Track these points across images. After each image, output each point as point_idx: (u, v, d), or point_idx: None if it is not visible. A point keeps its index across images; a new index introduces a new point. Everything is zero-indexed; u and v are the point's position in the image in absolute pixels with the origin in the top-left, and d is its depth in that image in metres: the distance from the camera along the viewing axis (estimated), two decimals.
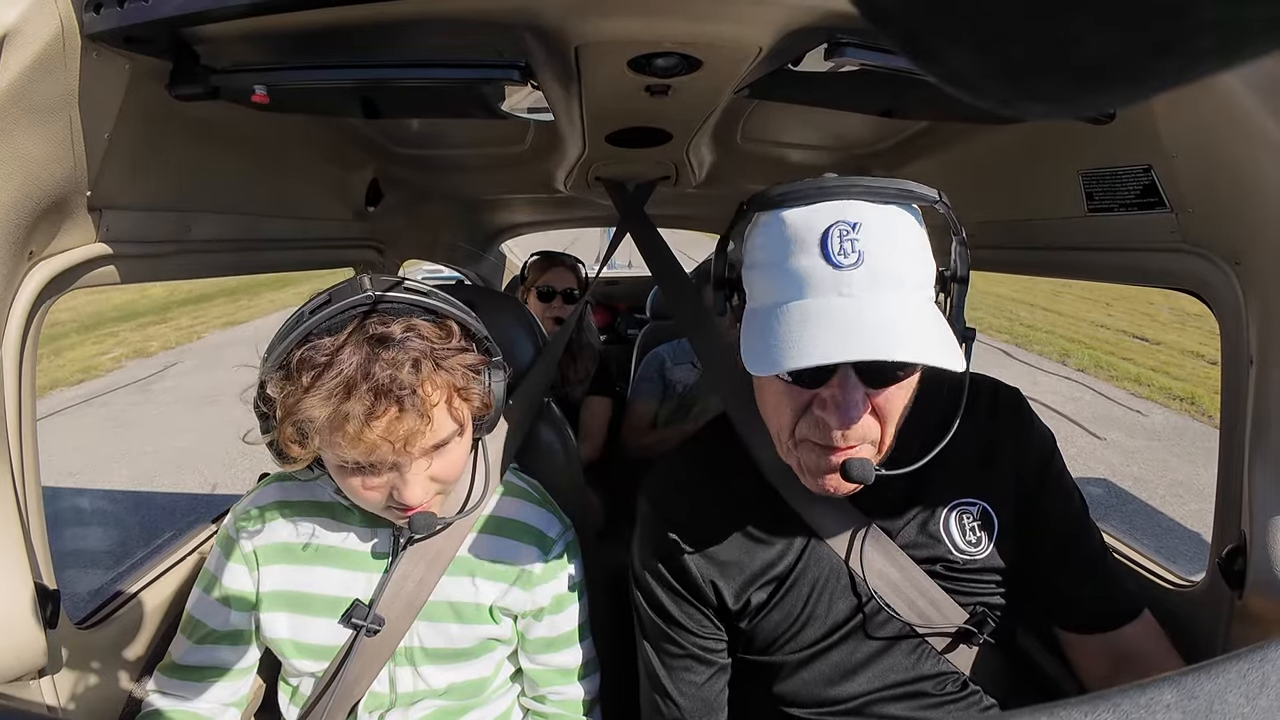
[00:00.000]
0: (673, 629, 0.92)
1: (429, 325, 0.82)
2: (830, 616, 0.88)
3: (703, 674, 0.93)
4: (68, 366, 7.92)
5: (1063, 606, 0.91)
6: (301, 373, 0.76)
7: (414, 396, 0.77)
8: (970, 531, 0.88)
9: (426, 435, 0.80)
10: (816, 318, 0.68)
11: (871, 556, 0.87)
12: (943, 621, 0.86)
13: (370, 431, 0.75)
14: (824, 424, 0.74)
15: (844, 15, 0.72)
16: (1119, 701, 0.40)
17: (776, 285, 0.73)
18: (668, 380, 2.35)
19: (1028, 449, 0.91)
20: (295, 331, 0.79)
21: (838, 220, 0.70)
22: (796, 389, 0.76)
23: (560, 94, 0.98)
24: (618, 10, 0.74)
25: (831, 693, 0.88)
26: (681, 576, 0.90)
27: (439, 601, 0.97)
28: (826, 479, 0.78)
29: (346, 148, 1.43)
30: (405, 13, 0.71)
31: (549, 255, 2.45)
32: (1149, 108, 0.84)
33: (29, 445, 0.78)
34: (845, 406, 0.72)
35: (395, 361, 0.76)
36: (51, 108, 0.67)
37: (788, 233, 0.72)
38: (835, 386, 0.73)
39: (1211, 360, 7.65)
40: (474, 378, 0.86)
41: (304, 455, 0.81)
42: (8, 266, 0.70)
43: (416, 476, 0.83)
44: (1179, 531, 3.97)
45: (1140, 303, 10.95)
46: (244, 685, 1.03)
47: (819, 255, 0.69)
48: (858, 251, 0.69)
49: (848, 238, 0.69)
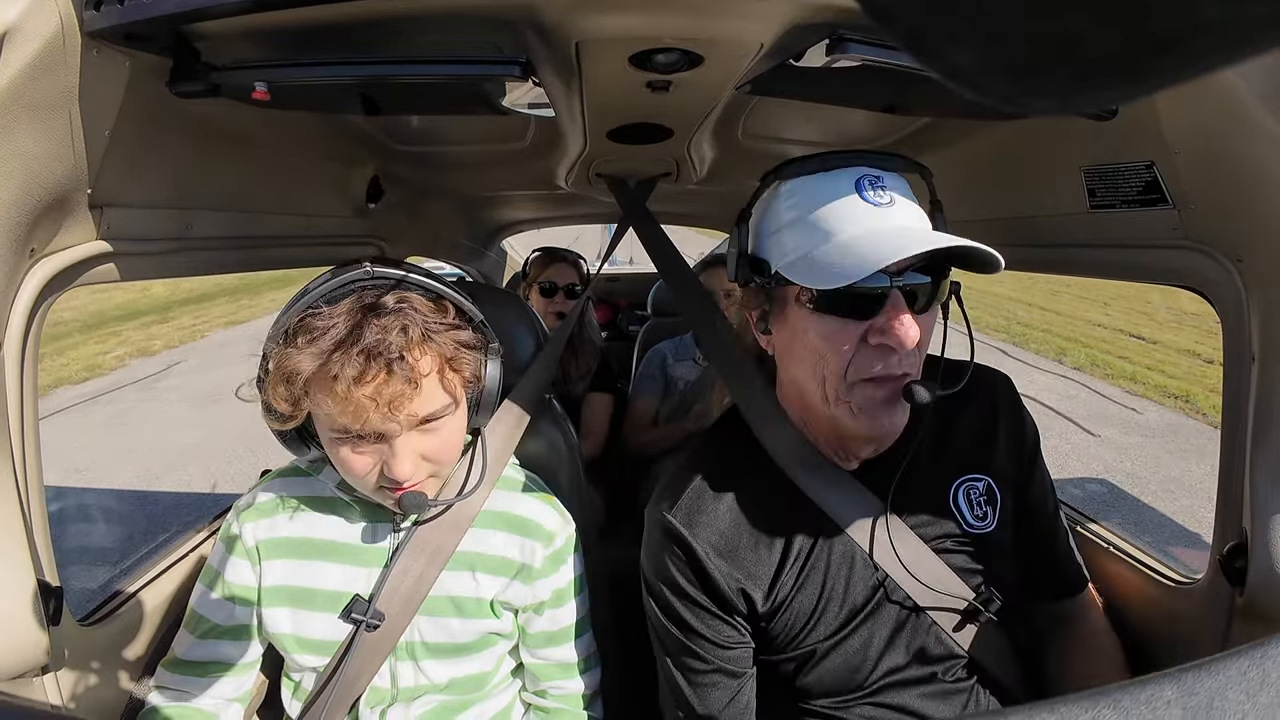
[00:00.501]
0: (696, 643, 0.90)
1: (423, 299, 0.85)
2: (848, 599, 0.88)
3: (731, 687, 0.91)
4: (71, 365, 7.95)
5: (1041, 577, 0.98)
6: (298, 335, 0.79)
7: (402, 361, 0.79)
8: (978, 506, 0.91)
9: (414, 402, 0.81)
10: (875, 236, 0.77)
11: (884, 536, 0.88)
12: (951, 600, 0.88)
13: (357, 390, 0.77)
14: (883, 351, 0.79)
15: (846, 11, 0.72)
16: (1120, 698, 0.40)
17: (816, 231, 0.80)
18: (669, 377, 2.36)
19: (1023, 435, 0.97)
20: (298, 303, 0.82)
21: (865, 173, 0.81)
22: (851, 324, 0.79)
23: (561, 90, 0.97)
24: (618, 6, 0.74)
25: (849, 681, 0.88)
26: (707, 588, 0.88)
27: (440, 596, 0.97)
28: (883, 414, 0.81)
29: (347, 145, 1.43)
30: (406, 9, 0.71)
31: (551, 251, 2.45)
32: (1151, 104, 0.84)
33: (31, 442, 0.78)
34: (906, 325, 0.77)
35: (386, 327, 0.79)
36: (52, 105, 0.67)
37: (818, 190, 0.81)
38: (890, 310, 0.77)
39: (1207, 359, 7.76)
40: (465, 350, 0.87)
41: (292, 414, 0.82)
42: (9, 264, 0.70)
43: (405, 449, 0.84)
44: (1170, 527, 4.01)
45: (1138, 302, 11.03)
46: (247, 680, 1.04)
47: (858, 199, 0.79)
48: (889, 195, 0.80)
49: (877, 185, 0.80)
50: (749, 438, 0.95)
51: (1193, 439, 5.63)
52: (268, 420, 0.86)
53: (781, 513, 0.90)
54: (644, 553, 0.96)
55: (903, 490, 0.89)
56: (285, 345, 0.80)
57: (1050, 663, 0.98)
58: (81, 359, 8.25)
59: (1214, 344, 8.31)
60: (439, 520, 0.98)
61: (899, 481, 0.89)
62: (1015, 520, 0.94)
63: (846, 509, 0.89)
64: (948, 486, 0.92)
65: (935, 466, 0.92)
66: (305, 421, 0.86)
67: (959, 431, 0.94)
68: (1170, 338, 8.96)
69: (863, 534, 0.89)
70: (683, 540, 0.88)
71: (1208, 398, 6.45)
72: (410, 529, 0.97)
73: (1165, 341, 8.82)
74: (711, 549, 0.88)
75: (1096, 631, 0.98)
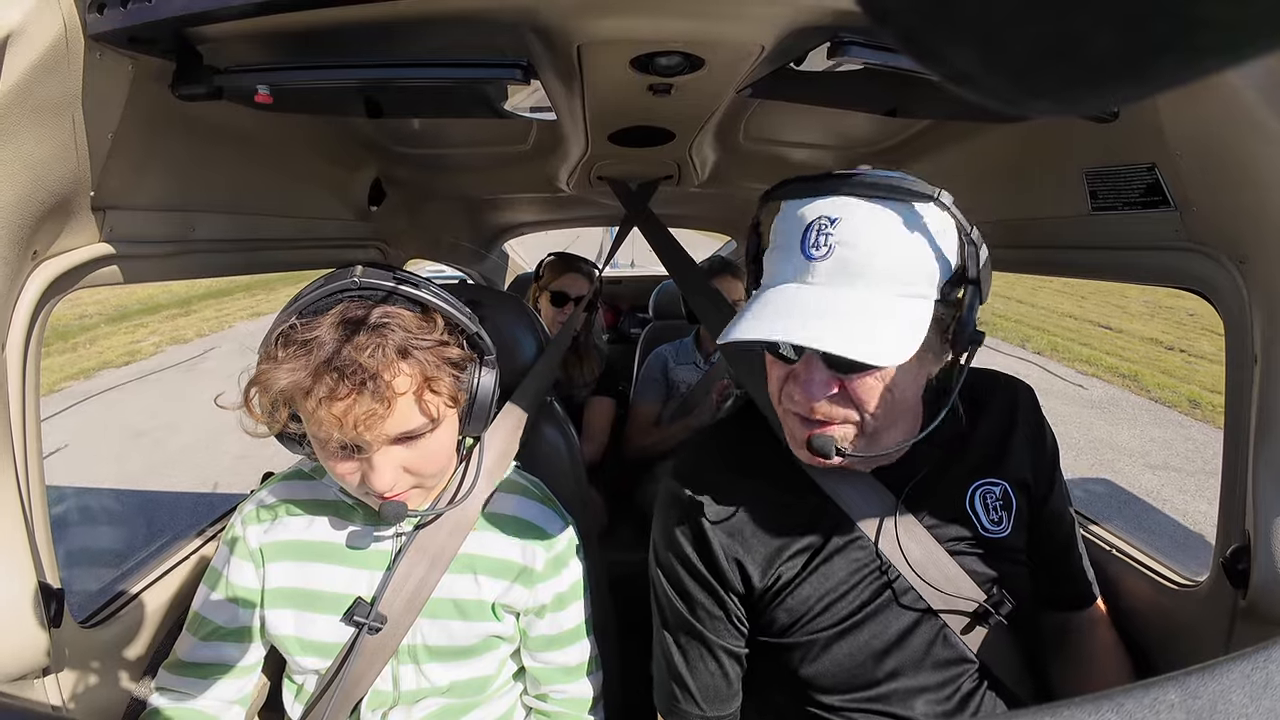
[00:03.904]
0: (693, 614, 0.93)
1: (410, 314, 0.84)
2: (858, 593, 0.89)
3: (722, 662, 0.93)
4: (109, 352, 8.48)
5: (1054, 587, 1.00)
6: (279, 347, 0.79)
7: (375, 381, 0.78)
8: (993, 510, 0.92)
9: (386, 422, 0.81)
10: (775, 300, 0.76)
11: (898, 534, 0.89)
12: (962, 602, 0.88)
13: (326, 410, 0.78)
14: (794, 397, 0.82)
15: (846, 14, 0.72)
16: (1123, 701, 0.40)
17: (773, 269, 0.81)
18: (671, 381, 2.36)
19: (1043, 445, 0.98)
20: (287, 310, 0.83)
21: (821, 215, 0.75)
22: (780, 363, 0.84)
23: (563, 93, 0.98)
24: (619, 9, 0.74)
25: (854, 677, 0.89)
26: (706, 557, 0.91)
27: (442, 598, 0.97)
28: (800, 450, 0.85)
29: (349, 147, 1.43)
30: (408, 12, 0.71)
31: (566, 259, 2.37)
32: (1153, 106, 0.84)
33: (33, 445, 0.78)
34: (805, 384, 0.80)
35: (361, 345, 0.78)
36: (55, 108, 0.67)
37: (788, 223, 0.80)
38: (803, 366, 0.80)
39: (1169, 346, 8.37)
40: (447, 369, 0.86)
41: (267, 423, 0.83)
42: (12, 266, 0.70)
43: (384, 462, 0.84)
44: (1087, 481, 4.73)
45: (1115, 296, 11.51)
46: (249, 683, 1.04)
47: (798, 246, 0.77)
48: (829, 245, 0.74)
49: (824, 231, 0.75)
50: (762, 434, 0.97)
51: (1129, 410, 6.37)
52: (245, 428, 0.86)
53: (791, 502, 0.92)
54: (654, 525, 0.99)
55: (918, 491, 0.90)
56: (267, 355, 0.81)
57: (1054, 674, 0.98)
58: (116, 347, 8.77)
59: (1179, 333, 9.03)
60: (440, 524, 0.98)
61: (916, 482, 0.90)
62: (1032, 529, 0.95)
63: (861, 505, 0.90)
64: (964, 489, 0.92)
65: (952, 469, 0.93)
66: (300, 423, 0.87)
67: (978, 436, 0.95)
68: (1137, 328, 9.53)
69: (876, 531, 0.90)
70: (688, 509, 0.92)
71: (1154, 377, 7.17)
72: (412, 532, 0.97)
73: (1131, 331, 9.41)
74: (715, 520, 0.91)
75: (1107, 648, 0.99)
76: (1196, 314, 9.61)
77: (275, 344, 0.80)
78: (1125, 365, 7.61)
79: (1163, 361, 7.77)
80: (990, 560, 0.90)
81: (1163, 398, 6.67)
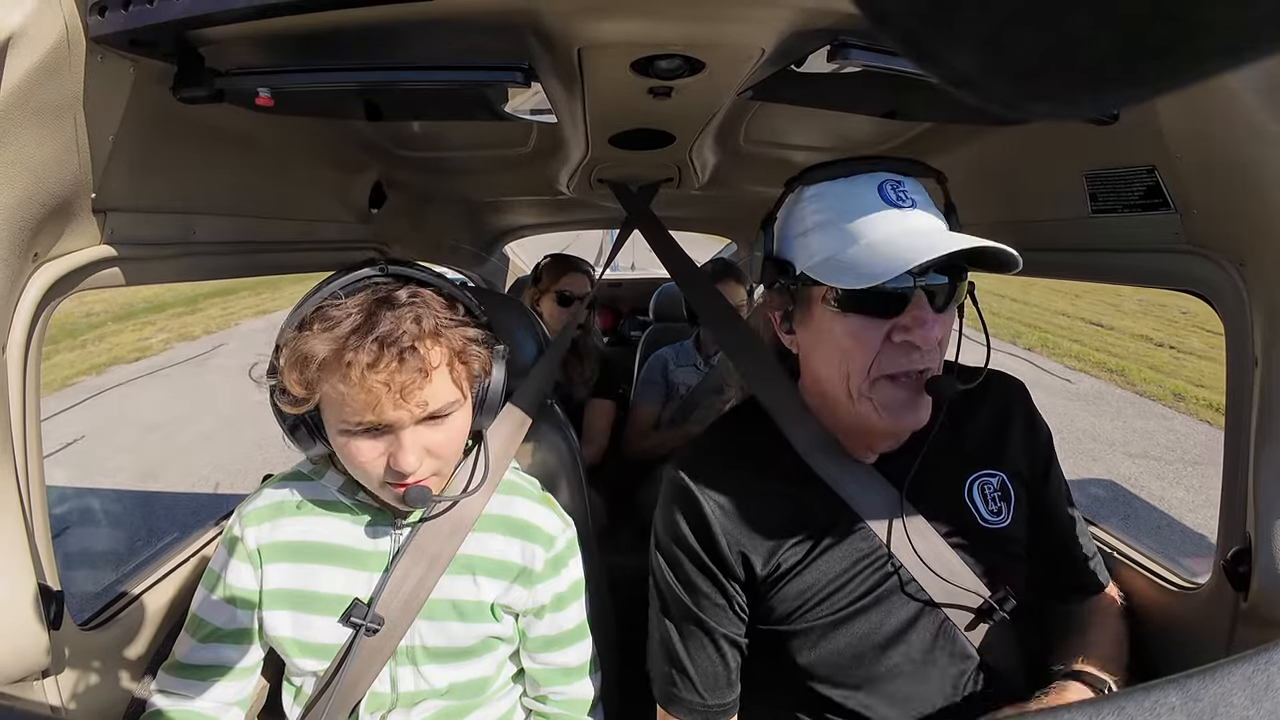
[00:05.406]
0: (695, 601, 0.93)
1: (435, 296, 0.87)
2: (859, 583, 0.89)
3: (722, 650, 0.94)
4: (118, 348, 8.57)
5: (1060, 578, 1.00)
6: (314, 322, 0.82)
7: (414, 351, 0.81)
8: (992, 500, 0.93)
9: (424, 391, 0.83)
10: (900, 237, 0.80)
11: (900, 526, 0.89)
12: (966, 596, 0.89)
13: (370, 377, 0.79)
14: (906, 348, 0.81)
15: (846, 16, 0.72)
16: (1124, 704, 0.39)
17: (843, 234, 0.83)
18: (670, 383, 2.36)
19: (1036, 439, 0.99)
20: (314, 296, 0.85)
21: (887, 178, 0.84)
22: (876, 322, 0.82)
23: (563, 96, 0.98)
24: (620, 12, 0.74)
25: (854, 668, 0.89)
26: (709, 545, 0.91)
27: (440, 600, 0.97)
28: (905, 410, 0.84)
29: (350, 150, 1.43)
30: (409, 15, 0.71)
31: (565, 259, 2.39)
32: (1153, 109, 0.84)
33: (33, 447, 0.78)
34: (929, 323, 0.80)
35: (400, 317, 0.81)
36: (56, 110, 0.67)
37: (842, 194, 0.84)
38: (913, 309, 0.80)
39: (1158, 343, 8.55)
40: (474, 344, 0.89)
41: (305, 397, 0.83)
42: (12, 268, 0.70)
43: (411, 441, 0.85)
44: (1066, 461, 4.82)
45: (1108, 294, 11.60)
46: (248, 685, 1.03)
47: (881, 202, 0.82)
48: (910, 199, 0.83)
49: (899, 189, 0.83)
50: (766, 428, 0.97)
51: (1113, 403, 6.54)
52: (281, 405, 0.86)
53: (793, 494, 0.93)
54: (657, 513, 1.00)
55: (918, 483, 0.91)
56: (301, 331, 0.82)
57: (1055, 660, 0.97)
58: (126, 344, 8.87)
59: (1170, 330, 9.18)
60: (439, 524, 0.98)
61: (915, 475, 0.90)
62: (1032, 520, 0.96)
63: (864, 497, 0.91)
64: (962, 481, 0.94)
65: (950, 461, 0.94)
66: (314, 415, 0.87)
67: (973, 429, 0.97)
68: (1129, 325, 9.70)
69: (879, 523, 0.90)
70: (692, 497, 0.92)
71: (1142, 372, 7.36)
72: (411, 533, 0.97)
73: (1122, 328, 9.59)
74: (718, 508, 0.91)
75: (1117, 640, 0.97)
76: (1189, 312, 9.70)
77: (310, 321, 0.82)
78: (1114, 361, 7.80)
79: (1151, 357, 7.93)
80: (991, 552, 0.91)
81: (1148, 391, 6.80)
